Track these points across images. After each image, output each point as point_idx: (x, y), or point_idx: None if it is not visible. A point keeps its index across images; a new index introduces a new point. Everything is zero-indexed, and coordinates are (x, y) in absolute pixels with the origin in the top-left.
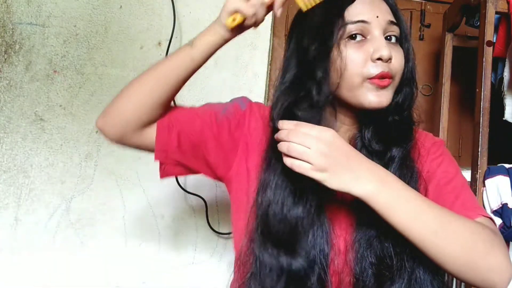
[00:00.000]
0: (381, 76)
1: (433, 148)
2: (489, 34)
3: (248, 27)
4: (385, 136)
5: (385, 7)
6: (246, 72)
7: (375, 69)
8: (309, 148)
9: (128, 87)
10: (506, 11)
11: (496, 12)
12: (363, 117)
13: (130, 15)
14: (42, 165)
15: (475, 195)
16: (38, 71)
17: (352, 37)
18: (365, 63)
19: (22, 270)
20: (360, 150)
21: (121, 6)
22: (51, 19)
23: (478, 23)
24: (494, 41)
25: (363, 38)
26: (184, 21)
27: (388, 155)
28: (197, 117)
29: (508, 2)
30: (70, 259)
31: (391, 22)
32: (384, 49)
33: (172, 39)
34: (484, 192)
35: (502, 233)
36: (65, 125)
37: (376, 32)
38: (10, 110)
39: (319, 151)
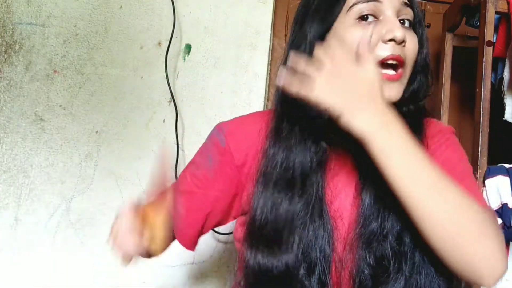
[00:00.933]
0: (392, 59)
1: (438, 136)
2: (489, 34)
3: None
4: None
5: None
6: (246, 72)
7: (386, 51)
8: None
9: None
10: (506, 11)
11: (496, 12)
12: None
13: (130, 15)
14: (42, 165)
15: None
16: (38, 71)
17: (363, 17)
18: (376, 45)
19: (22, 270)
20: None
21: (121, 6)
22: (51, 19)
23: (478, 23)
24: (494, 41)
25: (375, 19)
26: (184, 21)
27: None
28: (199, 194)
29: (508, 2)
30: (70, 259)
31: (405, 4)
32: (398, 30)
33: (172, 39)
34: (484, 192)
35: None
36: (65, 125)
37: (389, 12)
38: (10, 110)
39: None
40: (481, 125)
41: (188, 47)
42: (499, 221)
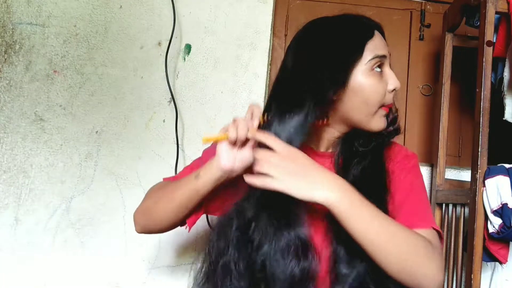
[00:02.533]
0: (391, 104)
1: (405, 160)
2: (489, 34)
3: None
4: (367, 141)
5: None
6: (246, 72)
7: (389, 99)
8: (269, 162)
9: (150, 209)
10: (506, 11)
11: (496, 12)
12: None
13: (130, 15)
14: (42, 165)
15: (475, 195)
16: (38, 71)
17: (375, 68)
18: (384, 94)
19: (22, 270)
20: (341, 147)
21: (121, 6)
22: (51, 19)
23: (478, 23)
24: (494, 41)
25: (381, 70)
26: (184, 21)
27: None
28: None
29: (508, 2)
30: (70, 259)
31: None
32: (397, 82)
33: (172, 39)
34: (484, 192)
35: (502, 233)
36: (65, 125)
37: (388, 65)
38: (10, 110)
39: (277, 163)
40: (481, 125)
41: (188, 47)
42: (499, 221)
